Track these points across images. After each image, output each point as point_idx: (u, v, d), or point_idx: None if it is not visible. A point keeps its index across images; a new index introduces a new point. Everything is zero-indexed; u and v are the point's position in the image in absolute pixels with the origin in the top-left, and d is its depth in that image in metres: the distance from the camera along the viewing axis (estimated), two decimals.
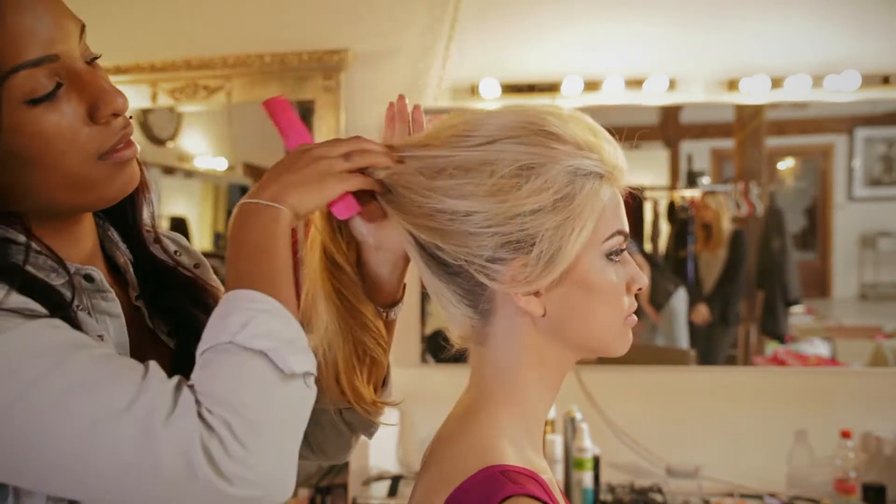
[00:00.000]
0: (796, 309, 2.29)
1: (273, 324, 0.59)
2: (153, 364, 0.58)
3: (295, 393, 0.59)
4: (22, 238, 0.63)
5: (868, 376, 2.18)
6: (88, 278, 0.68)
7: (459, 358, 0.71)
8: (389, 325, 0.76)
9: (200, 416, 0.54)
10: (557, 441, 1.96)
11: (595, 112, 0.67)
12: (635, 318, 0.68)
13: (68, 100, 0.62)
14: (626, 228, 0.65)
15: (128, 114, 0.67)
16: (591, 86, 2.15)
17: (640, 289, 0.67)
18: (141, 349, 0.69)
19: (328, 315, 0.70)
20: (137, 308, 0.74)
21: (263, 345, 0.57)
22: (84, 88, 0.63)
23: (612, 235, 0.64)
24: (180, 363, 0.69)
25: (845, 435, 1.98)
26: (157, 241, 0.79)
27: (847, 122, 2.25)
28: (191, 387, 0.56)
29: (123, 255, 0.76)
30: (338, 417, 0.83)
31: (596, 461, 1.96)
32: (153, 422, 0.53)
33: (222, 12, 2.38)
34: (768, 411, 2.14)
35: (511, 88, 2.19)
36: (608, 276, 0.64)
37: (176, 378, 0.57)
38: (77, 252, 0.69)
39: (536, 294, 0.63)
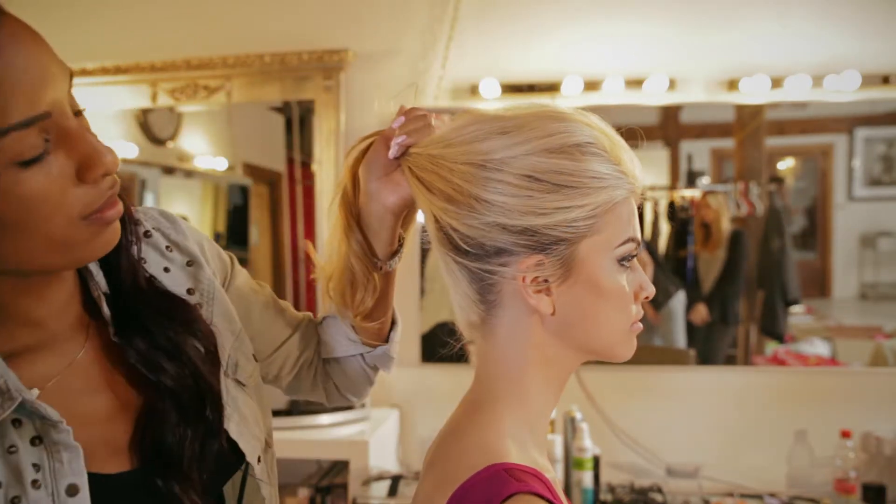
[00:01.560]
0: (796, 309, 2.29)
1: None
2: None
3: None
4: None
5: (868, 376, 2.18)
6: (41, 417, 0.62)
7: (460, 358, 0.72)
8: (387, 276, 0.85)
9: None
10: (557, 441, 1.96)
11: (595, 112, 0.67)
12: (640, 325, 0.69)
13: (56, 158, 0.58)
14: (639, 236, 0.67)
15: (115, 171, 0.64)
16: (591, 86, 2.16)
17: (647, 297, 0.68)
18: (117, 390, 0.68)
19: (334, 230, 0.81)
20: (115, 344, 0.70)
21: None
22: (73, 147, 0.59)
23: (624, 242, 0.65)
24: (149, 413, 0.67)
25: (845, 435, 1.98)
26: (135, 264, 0.73)
27: (847, 122, 2.25)
28: None
29: (97, 289, 0.70)
30: (362, 362, 0.93)
31: (596, 461, 1.96)
32: None
33: (222, 12, 2.38)
34: (768, 411, 2.14)
35: (511, 88, 2.19)
36: (619, 281, 0.65)
37: None
38: (48, 308, 0.66)
39: (547, 292, 0.64)
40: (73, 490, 0.61)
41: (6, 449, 0.60)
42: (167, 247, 0.77)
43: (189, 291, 0.76)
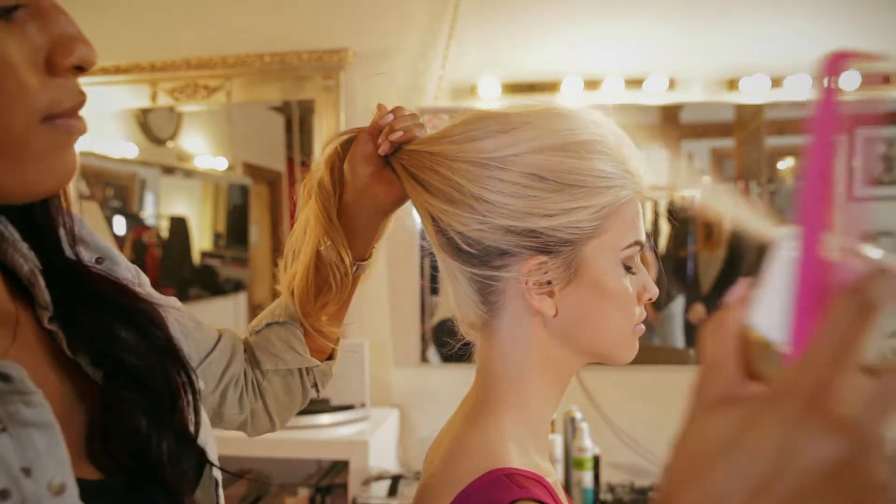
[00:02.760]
0: None
1: None
2: None
3: None
4: None
5: None
6: (4, 378, 0.45)
7: (460, 357, 0.71)
8: (353, 281, 0.78)
9: None
10: (557, 441, 1.96)
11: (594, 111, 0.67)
12: (643, 327, 0.68)
13: (26, 29, 0.45)
14: (644, 238, 0.66)
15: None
16: (591, 85, 2.16)
17: (650, 299, 0.67)
18: (60, 389, 0.52)
19: (302, 223, 0.75)
20: (51, 331, 0.54)
21: None
22: (48, 23, 0.46)
23: (630, 245, 0.64)
24: (109, 406, 0.53)
25: None
26: (72, 232, 0.58)
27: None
28: None
29: (28, 262, 0.54)
30: (305, 377, 0.84)
31: (596, 461, 1.96)
32: None
33: (222, 12, 2.38)
34: None
35: (511, 88, 2.19)
36: (623, 283, 0.64)
37: None
38: None
39: (550, 294, 0.63)
40: (57, 489, 0.45)
41: None
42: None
43: None
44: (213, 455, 0.60)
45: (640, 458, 2.16)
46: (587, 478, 1.93)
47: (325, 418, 2.07)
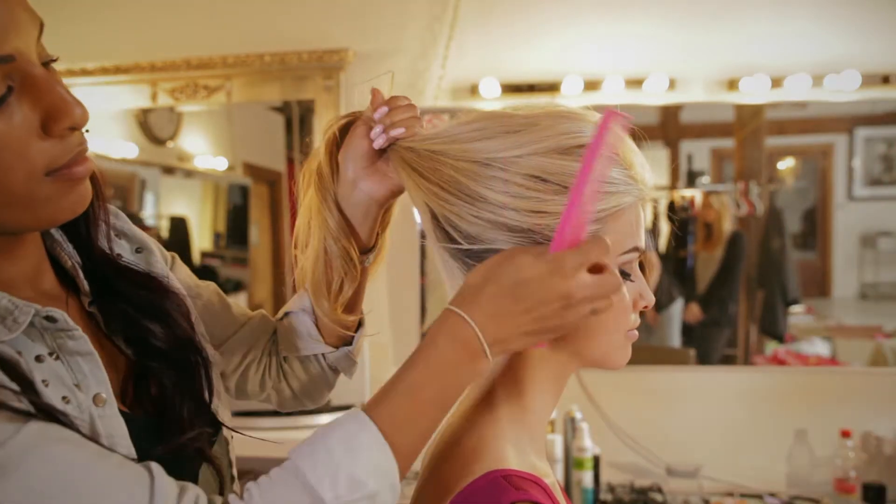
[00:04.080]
0: (796, 308, 2.29)
1: None
2: (158, 479, 0.54)
3: None
4: None
5: (868, 376, 2.18)
6: (50, 319, 0.60)
7: None
8: (363, 272, 0.80)
9: None
10: (557, 441, 1.96)
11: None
12: (636, 333, 0.67)
13: (20, 107, 0.54)
14: (643, 245, 0.65)
15: (86, 128, 0.60)
16: (591, 86, 2.16)
17: (646, 306, 0.67)
18: (100, 353, 0.65)
19: (306, 213, 0.76)
20: (91, 314, 0.68)
21: None
22: (39, 96, 0.55)
23: (629, 251, 0.64)
24: (140, 376, 0.66)
25: (845, 435, 1.98)
26: (108, 223, 0.71)
27: (847, 121, 2.25)
28: (232, 494, 0.55)
29: (70, 258, 0.68)
30: (323, 362, 0.88)
31: (596, 461, 1.96)
32: None
33: (222, 12, 2.37)
34: (768, 411, 2.14)
35: (511, 88, 2.19)
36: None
37: (191, 494, 0.54)
38: (21, 267, 0.63)
39: None
40: (98, 400, 0.60)
41: (34, 358, 0.58)
42: (115, 235, 0.75)
43: None
44: (225, 419, 0.74)
45: (640, 458, 2.16)
46: (587, 478, 1.93)
47: (325, 418, 2.06)
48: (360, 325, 0.86)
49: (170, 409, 0.66)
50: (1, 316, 0.57)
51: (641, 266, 0.68)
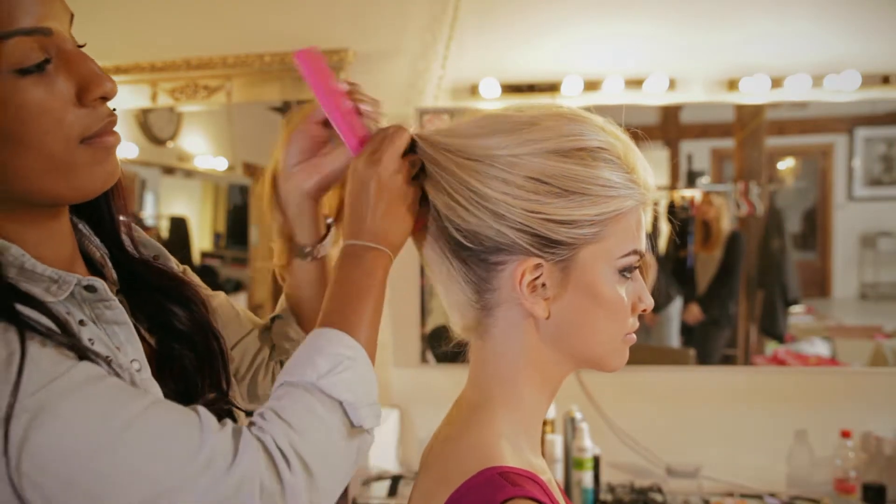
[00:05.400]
0: (796, 309, 2.29)
1: (356, 374, 0.63)
2: (202, 410, 0.59)
3: (358, 446, 0.63)
4: (14, 250, 0.61)
5: (868, 376, 2.18)
6: (90, 289, 0.64)
7: (460, 358, 0.71)
8: (321, 263, 0.82)
9: (265, 448, 0.57)
10: (557, 441, 1.96)
11: (595, 112, 0.67)
12: (634, 336, 0.67)
13: (56, 77, 0.59)
14: (643, 248, 0.65)
15: (113, 106, 0.65)
16: (591, 86, 2.16)
17: (645, 310, 0.67)
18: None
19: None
20: (119, 300, 0.71)
21: (344, 396, 0.62)
22: (73, 68, 0.61)
23: (628, 254, 0.64)
24: (163, 362, 0.71)
25: (845, 435, 1.98)
26: (130, 235, 0.76)
27: (847, 121, 2.25)
28: (252, 423, 0.60)
29: (98, 250, 0.73)
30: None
31: (596, 461, 1.96)
32: (217, 470, 0.55)
33: (222, 12, 2.38)
34: (768, 411, 2.14)
35: (511, 88, 2.19)
36: (618, 292, 0.64)
37: (230, 424, 0.59)
38: (58, 252, 0.66)
39: (543, 296, 0.63)
40: (137, 367, 0.65)
41: (77, 322, 0.62)
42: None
43: None
44: (241, 404, 0.79)
45: (640, 458, 2.16)
46: (587, 478, 1.93)
47: None
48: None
49: (192, 389, 0.70)
50: (46, 284, 0.61)
51: (640, 269, 0.68)
